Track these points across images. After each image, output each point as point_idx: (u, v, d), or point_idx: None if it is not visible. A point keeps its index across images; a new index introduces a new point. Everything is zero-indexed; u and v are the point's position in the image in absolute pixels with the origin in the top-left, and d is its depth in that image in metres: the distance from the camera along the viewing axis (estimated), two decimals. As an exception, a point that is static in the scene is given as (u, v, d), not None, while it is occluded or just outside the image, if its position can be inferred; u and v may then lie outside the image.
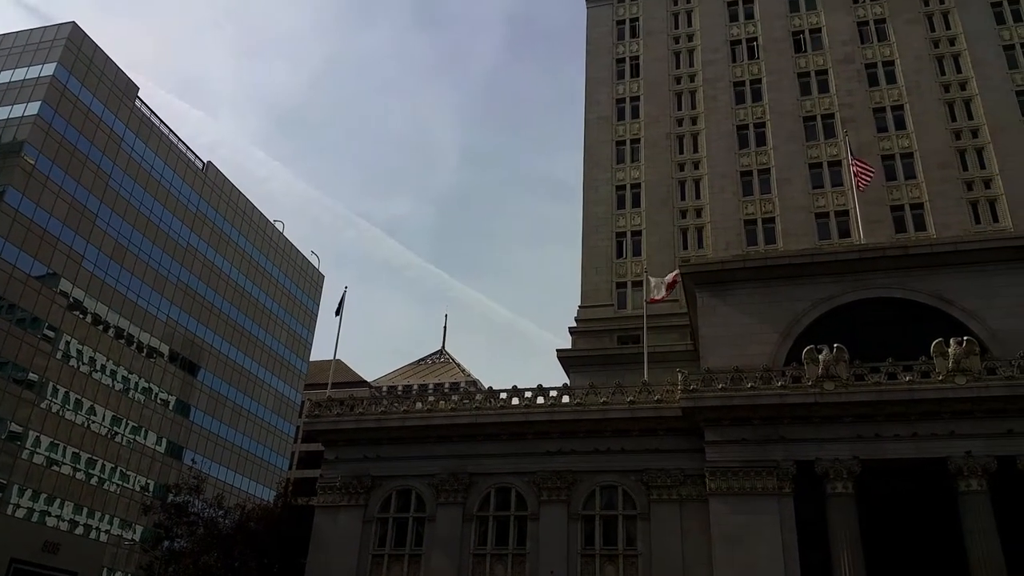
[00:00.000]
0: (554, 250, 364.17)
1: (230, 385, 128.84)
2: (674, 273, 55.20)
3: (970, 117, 69.09)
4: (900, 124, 70.53)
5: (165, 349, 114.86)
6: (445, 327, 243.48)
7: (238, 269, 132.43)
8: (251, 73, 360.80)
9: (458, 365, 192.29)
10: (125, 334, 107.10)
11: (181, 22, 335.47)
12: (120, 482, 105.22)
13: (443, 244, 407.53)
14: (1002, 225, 63.21)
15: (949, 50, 72.65)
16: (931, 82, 71.37)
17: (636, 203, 73.65)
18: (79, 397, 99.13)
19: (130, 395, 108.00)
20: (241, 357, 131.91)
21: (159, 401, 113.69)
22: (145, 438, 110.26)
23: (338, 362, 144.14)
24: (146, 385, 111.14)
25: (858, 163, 58.54)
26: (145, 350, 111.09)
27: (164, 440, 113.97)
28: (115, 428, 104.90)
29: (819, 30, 77.37)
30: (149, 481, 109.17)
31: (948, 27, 73.83)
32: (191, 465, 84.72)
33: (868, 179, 58.03)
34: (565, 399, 49.18)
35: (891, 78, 72.96)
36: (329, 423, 51.49)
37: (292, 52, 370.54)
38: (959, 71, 71.40)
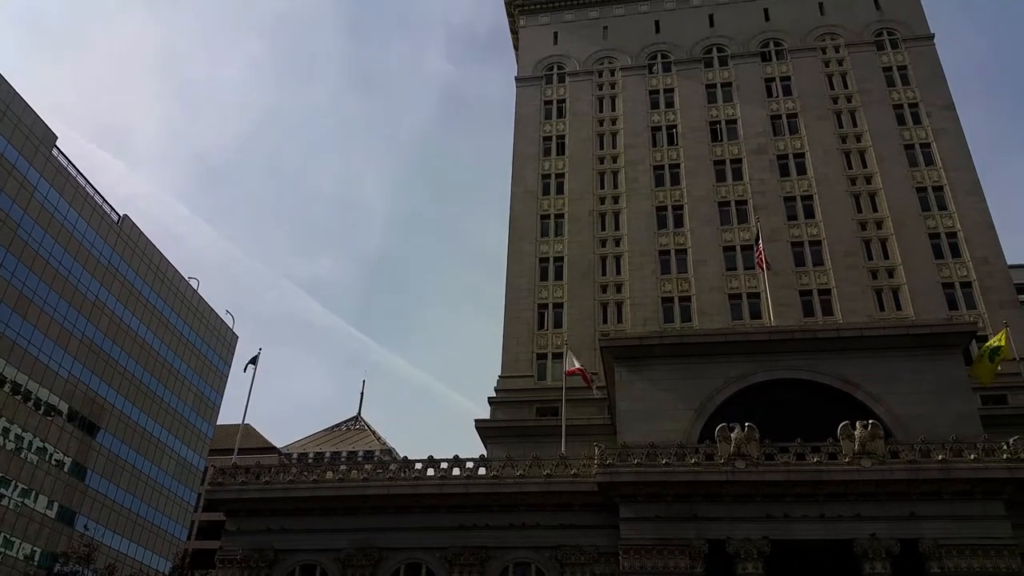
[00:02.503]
0: (478, 318, 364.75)
1: (130, 448, 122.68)
2: (578, 367, 56.05)
3: (875, 209, 73.05)
4: (809, 213, 74.01)
5: (64, 407, 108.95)
6: (362, 393, 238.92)
7: (147, 327, 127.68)
8: (177, 125, 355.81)
9: (373, 432, 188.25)
10: (22, 390, 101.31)
11: (109, 70, 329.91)
12: (3, 549, 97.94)
13: (367, 307, 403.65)
14: (905, 313, 66.36)
15: (856, 146, 77.14)
16: (839, 175, 75.42)
17: (559, 276, 74.68)
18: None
19: (22, 455, 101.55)
20: (144, 419, 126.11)
21: (53, 462, 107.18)
22: (35, 502, 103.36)
23: (247, 426, 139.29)
24: (40, 444, 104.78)
25: (761, 252, 61.36)
26: (42, 407, 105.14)
27: (56, 504, 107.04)
28: (2, 490, 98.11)
29: (735, 121, 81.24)
30: (36, 549, 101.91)
31: (855, 124, 78.54)
32: (83, 532, 79.65)
33: (766, 264, 60.92)
34: (482, 471, 48.57)
35: (801, 169, 76.82)
36: (233, 491, 49.38)
37: (222, 106, 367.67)
38: (865, 166, 75.74)
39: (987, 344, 53.19)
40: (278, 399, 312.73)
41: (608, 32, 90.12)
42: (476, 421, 65.98)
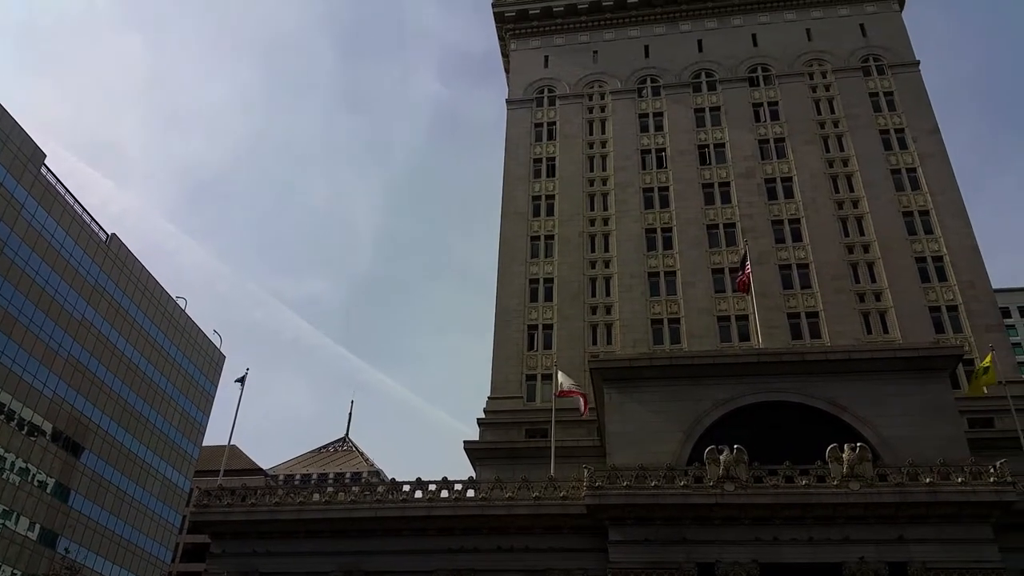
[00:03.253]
0: (468, 339, 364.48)
1: (115, 468, 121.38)
2: (573, 389, 55.73)
3: (862, 233, 73.64)
4: (797, 236, 74.54)
5: (48, 427, 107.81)
6: (350, 413, 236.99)
7: (134, 346, 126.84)
8: (168, 144, 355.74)
9: (361, 454, 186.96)
10: (5, 409, 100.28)
11: (102, 87, 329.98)
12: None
13: (356, 327, 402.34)
14: (891, 336, 66.73)
15: (843, 170, 77.89)
16: (826, 199, 76.07)
17: (548, 297, 74.79)
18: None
19: (4, 475, 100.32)
20: (129, 439, 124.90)
21: (36, 483, 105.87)
22: (16, 523, 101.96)
23: (233, 448, 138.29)
24: (23, 465, 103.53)
25: (747, 274, 61.67)
26: (26, 427, 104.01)
27: (37, 526, 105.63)
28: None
29: (723, 145, 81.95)
30: (16, 572, 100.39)
31: (842, 149, 79.35)
32: (64, 555, 78.54)
33: (749, 286, 61.26)
34: (470, 493, 48.30)
35: (789, 193, 77.45)
36: (218, 514, 48.91)
37: (213, 125, 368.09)
38: (851, 190, 76.43)
39: (980, 366, 53.87)
40: (265, 420, 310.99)
41: (598, 56, 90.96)
42: (465, 442, 65.76)
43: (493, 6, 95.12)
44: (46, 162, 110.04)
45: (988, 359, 54.28)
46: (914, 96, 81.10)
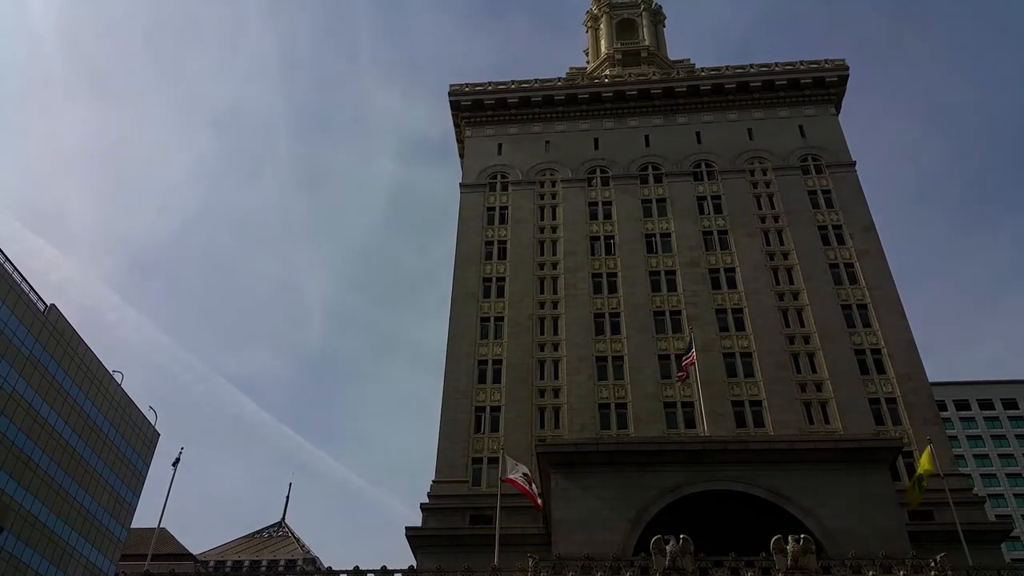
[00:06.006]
0: (416, 420, 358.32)
1: (34, 551, 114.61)
2: (521, 484, 54.79)
3: (802, 324, 75.66)
4: (740, 325, 76.24)
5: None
6: (288, 496, 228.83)
7: (66, 421, 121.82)
8: (115, 213, 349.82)
9: (297, 540, 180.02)
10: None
11: (49, 153, 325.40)
12: None
13: (300, 405, 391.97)
14: (833, 427, 67.86)
15: (783, 263, 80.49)
16: (767, 289, 78.28)
17: (497, 379, 74.62)
18: None
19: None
20: (52, 519, 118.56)
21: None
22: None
23: (163, 531, 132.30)
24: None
25: (690, 360, 62.74)
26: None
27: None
28: None
29: (669, 235, 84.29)
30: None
31: (782, 243, 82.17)
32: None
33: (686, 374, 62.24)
34: (411, 582, 46.90)
35: (732, 283, 79.55)
36: (147, 601, 46.56)
37: (164, 197, 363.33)
38: (792, 282, 78.85)
39: (917, 471, 54.72)
40: (199, 501, 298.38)
41: (550, 146, 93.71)
42: (407, 529, 64.08)
43: (450, 95, 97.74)
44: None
45: (925, 452, 55.40)
46: (851, 195, 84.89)
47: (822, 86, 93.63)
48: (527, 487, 54.20)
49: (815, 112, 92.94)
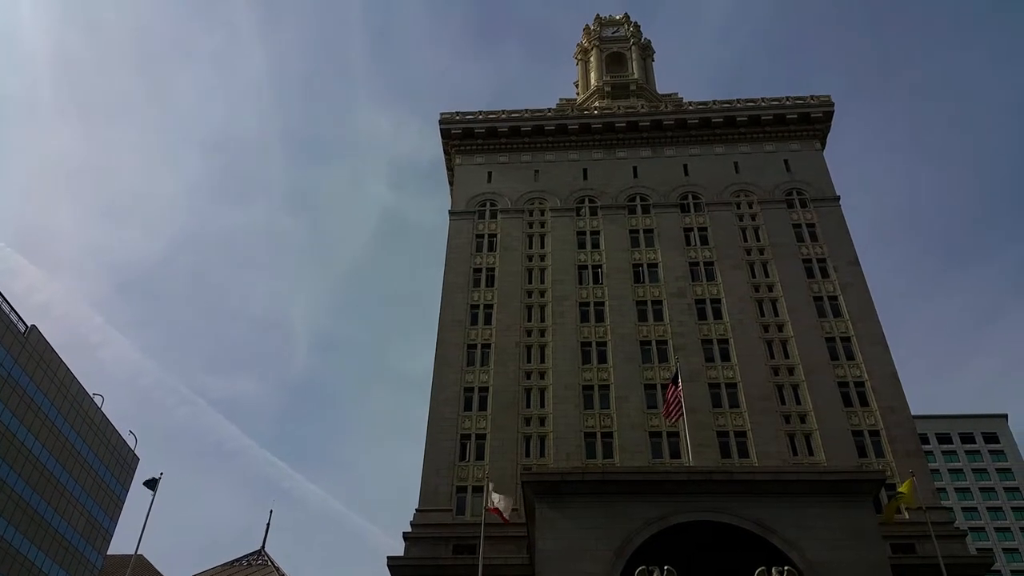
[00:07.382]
0: (401, 447, 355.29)
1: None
2: (496, 507, 54.52)
3: (787, 356, 76.18)
4: (725, 356, 76.65)
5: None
6: (268, 524, 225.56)
7: (42, 443, 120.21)
8: (102, 235, 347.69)
9: (277, 569, 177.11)
10: None
11: (36, 173, 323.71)
12: None
13: (285, 431, 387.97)
14: (817, 459, 68.13)
15: (768, 295, 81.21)
16: (752, 321, 78.86)
17: (483, 406, 74.47)
18: None
19: None
20: (25, 545, 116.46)
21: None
22: None
23: (140, 558, 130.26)
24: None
25: (678, 397, 62.60)
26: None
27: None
28: None
29: (656, 265, 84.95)
30: None
31: (767, 275, 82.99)
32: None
33: (674, 413, 61.92)
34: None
35: (718, 314, 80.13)
36: (125, 627, 45.79)
37: (152, 219, 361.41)
38: (776, 314, 79.51)
39: (898, 490, 55.28)
40: (178, 527, 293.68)
41: (539, 175, 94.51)
42: (388, 559, 63.33)
43: (440, 123, 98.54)
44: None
45: (907, 484, 55.81)
46: (835, 229, 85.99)
47: (807, 121, 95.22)
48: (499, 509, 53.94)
49: (800, 147, 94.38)
